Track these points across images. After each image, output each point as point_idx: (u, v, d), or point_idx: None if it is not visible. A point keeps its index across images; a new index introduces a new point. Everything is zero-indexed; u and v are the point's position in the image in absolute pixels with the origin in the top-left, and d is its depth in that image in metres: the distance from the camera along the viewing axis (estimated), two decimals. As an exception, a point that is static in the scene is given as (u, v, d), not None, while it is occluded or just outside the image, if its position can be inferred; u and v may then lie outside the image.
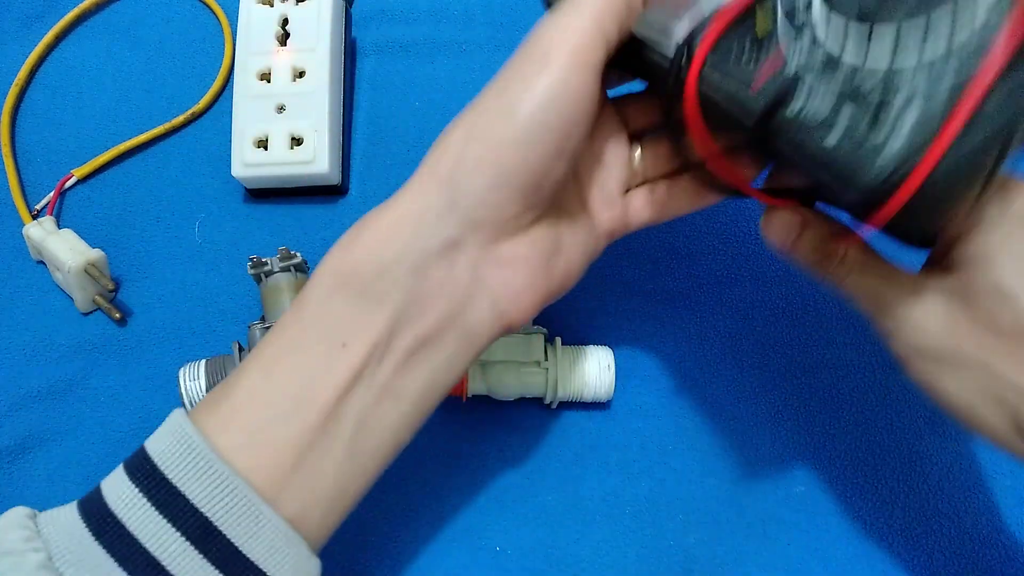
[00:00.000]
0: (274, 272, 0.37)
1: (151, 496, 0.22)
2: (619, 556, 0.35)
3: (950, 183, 0.20)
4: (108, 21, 0.49)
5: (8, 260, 0.43)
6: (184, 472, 0.23)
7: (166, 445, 0.23)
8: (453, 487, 0.37)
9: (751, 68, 0.23)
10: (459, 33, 0.47)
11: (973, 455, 0.37)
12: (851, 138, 0.21)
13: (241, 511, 0.22)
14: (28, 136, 0.46)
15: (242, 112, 0.42)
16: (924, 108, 0.21)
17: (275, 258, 0.37)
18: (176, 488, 0.22)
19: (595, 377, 0.36)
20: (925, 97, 0.21)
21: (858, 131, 0.21)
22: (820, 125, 0.22)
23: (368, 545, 0.36)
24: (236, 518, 0.22)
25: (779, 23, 0.23)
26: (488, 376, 0.36)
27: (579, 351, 0.37)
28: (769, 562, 0.35)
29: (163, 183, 0.44)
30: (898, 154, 0.21)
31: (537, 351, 0.36)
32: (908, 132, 0.21)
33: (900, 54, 0.21)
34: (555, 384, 0.36)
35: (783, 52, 0.23)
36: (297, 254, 0.37)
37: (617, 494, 0.37)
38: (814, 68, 0.22)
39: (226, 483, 0.22)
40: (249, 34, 0.43)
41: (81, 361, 0.40)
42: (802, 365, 0.39)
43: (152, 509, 0.22)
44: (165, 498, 0.22)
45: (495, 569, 0.35)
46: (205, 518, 0.22)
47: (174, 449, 0.23)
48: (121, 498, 0.23)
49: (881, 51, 0.21)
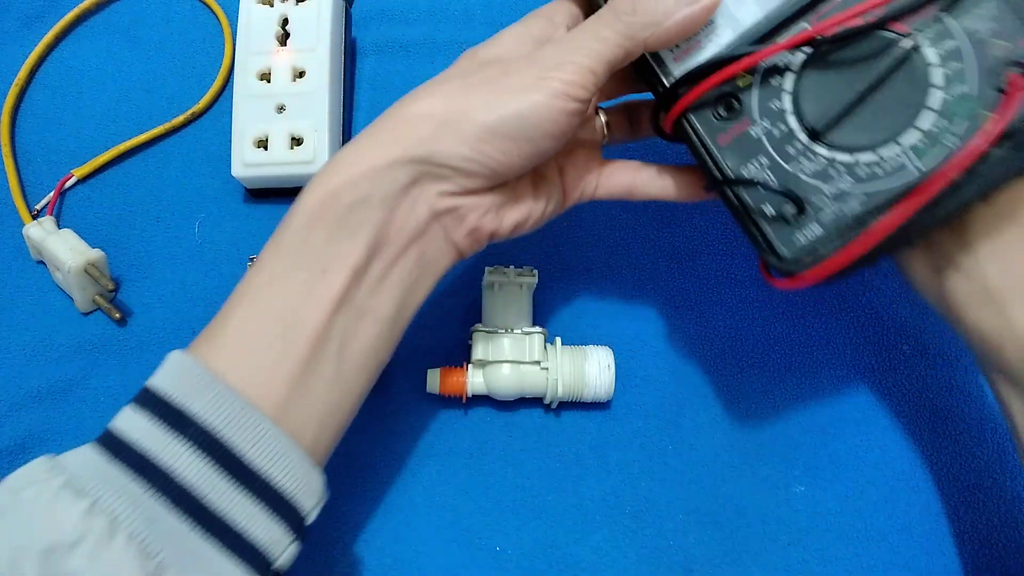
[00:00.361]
0: None
1: (158, 417, 0.24)
2: (619, 556, 0.35)
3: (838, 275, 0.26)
4: (108, 21, 0.49)
5: (8, 260, 0.43)
6: (185, 393, 0.25)
7: (166, 376, 0.26)
8: (453, 487, 0.37)
9: (724, 124, 0.28)
10: (459, 33, 0.47)
11: (974, 455, 0.37)
12: (779, 218, 0.27)
13: (240, 422, 0.24)
14: (28, 136, 0.46)
15: (242, 112, 0.42)
16: (834, 221, 0.26)
17: None
18: (179, 407, 0.24)
19: (595, 377, 0.36)
20: (836, 215, 0.26)
21: (785, 215, 0.27)
22: (761, 192, 0.27)
23: (368, 545, 0.36)
24: (237, 428, 0.24)
25: (754, 99, 0.28)
26: (488, 376, 0.36)
27: (579, 351, 0.37)
28: (769, 562, 0.35)
29: (163, 183, 0.44)
30: (803, 248, 0.27)
31: (537, 351, 0.36)
32: (815, 235, 0.27)
33: (832, 174, 0.26)
34: (555, 384, 0.36)
35: (749, 122, 0.28)
36: None
37: (617, 494, 0.37)
38: (772, 143, 0.27)
39: (224, 397, 0.24)
40: (249, 34, 0.43)
41: (81, 361, 0.40)
42: (802, 365, 0.39)
43: (160, 427, 0.24)
44: (171, 417, 0.24)
45: (495, 569, 0.35)
46: (208, 430, 0.24)
47: (174, 376, 0.25)
48: (130, 424, 0.25)
49: (817, 164, 0.27)
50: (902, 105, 0.26)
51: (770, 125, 0.27)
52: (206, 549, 0.23)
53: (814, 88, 0.27)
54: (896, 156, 0.26)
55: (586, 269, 0.41)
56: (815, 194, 0.27)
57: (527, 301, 0.37)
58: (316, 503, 0.26)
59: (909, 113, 0.26)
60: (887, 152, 0.26)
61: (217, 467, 0.24)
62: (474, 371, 0.37)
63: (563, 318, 0.40)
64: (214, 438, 0.24)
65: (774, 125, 0.27)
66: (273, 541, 0.25)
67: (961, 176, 0.24)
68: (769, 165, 0.27)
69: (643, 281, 0.41)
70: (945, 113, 0.25)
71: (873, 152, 0.26)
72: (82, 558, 0.21)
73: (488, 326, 0.37)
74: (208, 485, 0.24)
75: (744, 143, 0.28)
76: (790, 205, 0.27)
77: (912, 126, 0.26)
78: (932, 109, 0.25)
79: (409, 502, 0.37)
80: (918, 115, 0.25)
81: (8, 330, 0.41)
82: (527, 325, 0.37)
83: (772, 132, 0.27)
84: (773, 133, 0.27)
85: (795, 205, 0.27)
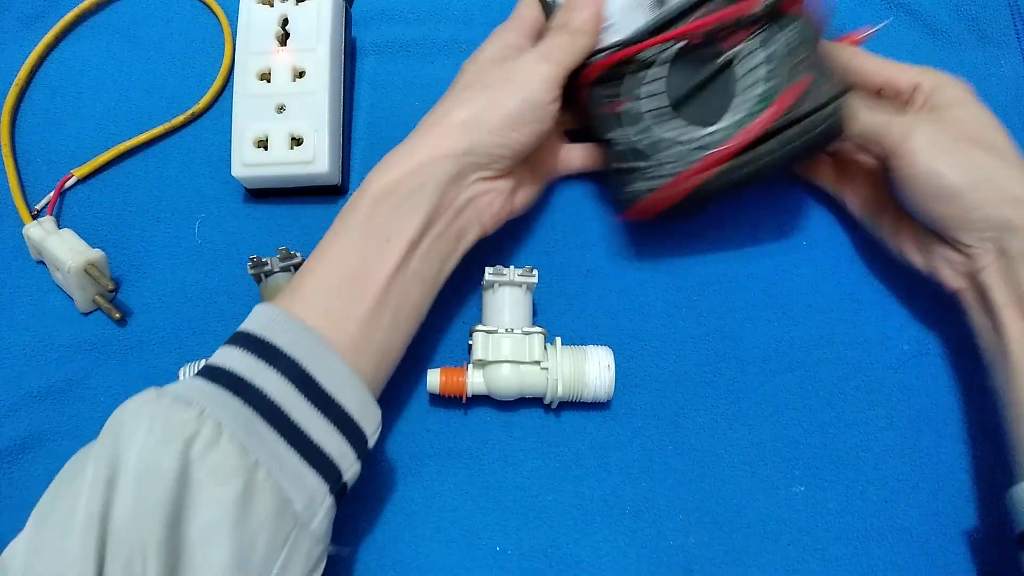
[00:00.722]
0: (274, 272, 0.37)
1: (250, 350, 0.29)
2: (619, 556, 0.35)
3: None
4: (108, 21, 0.49)
5: (8, 260, 0.43)
6: (272, 331, 0.30)
7: (254, 320, 0.31)
8: (453, 487, 0.37)
9: (612, 97, 0.38)
10: (459, 33, 0.47)
11: (974, 454, 0.37)
12: (625, 167, 0.37)
13: (317, 354, 0.30)
14: (28, 136, 0.46)
15: (242, 112, 0.42)
16: (669, 172, 0.36)
17: (275, 258, 0.37)
18: (268, 341, 0.30)
19: (595, 377, 0.36)
20: (670, 171, 0.36)
21: (630, 164, 0.37)
22: (618, 150, 0.37)
23: (369, 545, 0.36)
24: (313, 359, 0.30)
25: (635, 80, 0.37)
26: (488, 376, 0.36)
27: (579, 351, 0.37)
28: (769, 562, 0.35)
29: (163, 183, 0.44)
30: (640, 190, 0.37)
31: (537, 351, 0.36)
32: (653, 185, 0.36)
33: (680, 139, 0.36)
34: (555, 384, 0.36)
35: (629, 99, 0.37)
36: (297, 254, 0.37)
37: (617, 494, 0.37)
38: (644, 112, 0.37)
39: (304, 334, 0.30)
40: (249, 34, 0.43)
41: (81, 361, 0.40)
42: (803, 364, 0.39)
43: (251, 356, 0.29)
44: (260, 349, 0.29)
45: (495, 569, 0.35)
46: (292, 359, 0.29)
47: (262, 319, 0.31)
48: (226, 356, 0.30)
49: (673, 130, 0.36)
50: (726, 97, 0.36)
51: (645, 99, 0.37)
52: (291, 456, 0.28)
53: (676, 77, 0.37)
54: (716, 132, 0.35)
55: (587, 269, 0.41)
56: (664, 150, 0.36)
57: (527, 301, 0.37)
58: (375, 429, 0.31)
59: (727, 103, 0.36)
60: (713, 128, 0.35)
61: (299, 390, 0.29)
62: (474, 371, 0.37)
63: (563, 318, 0.40)
64: (297, 366, 0.29)
65: (648, 99, 0.37)
66: (342, 455, 0.30)
67: (747, 150, 0.35)
68: (636, 131, 0.37)
69: (643, 281, 0.41)
70: (748, 106, 0.35)
71: (704, 127, 0.36)
72: (197, 451, 0.26)
73: (488, 326, 0.37)
74: (292, 404, 0.29)
75: (626, 114, 0.37)
76: (641, 161, 0.36)
77: (728, 111, 0.35)
78: (739, 101, 0.35)
79: (409, 502, 0.37)
80: (730, 105, 0.35)
81: (8, 330, 0.41)
82: (527, 325, 0.37)
83: (643, 105, 0.37)
84: (644, 106, 0.37)
85: (644, 160, 0.36)
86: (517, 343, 0.36)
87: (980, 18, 0.46)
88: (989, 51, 0.45)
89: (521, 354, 0.36)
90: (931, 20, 0.46)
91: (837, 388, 0.39)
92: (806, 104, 0.34)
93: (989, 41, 0.45)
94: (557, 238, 0.42)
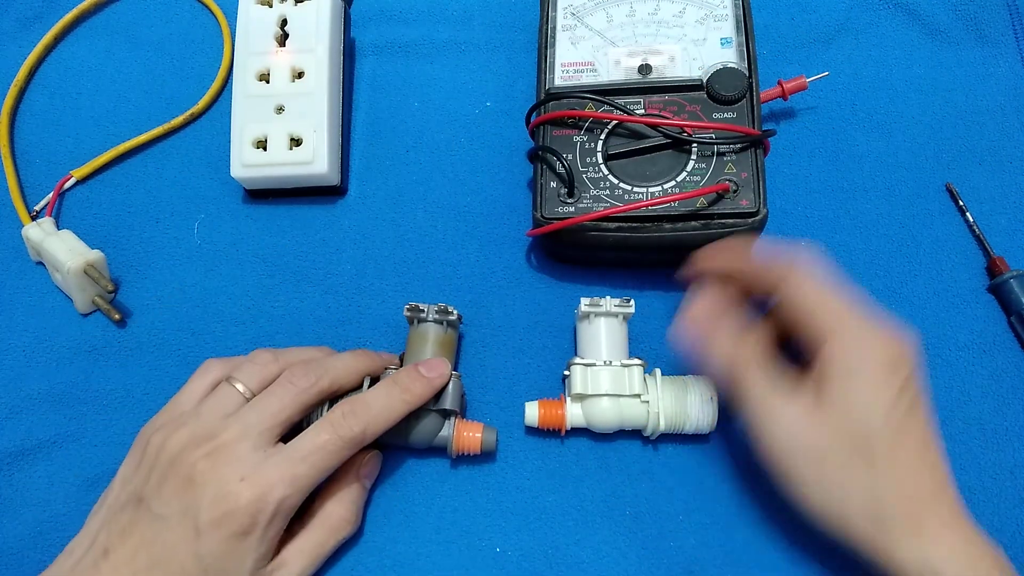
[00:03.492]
0: (427, 321, 0.37)
1: None
2: (619, 557, 0.35)
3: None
4: (108, 21, 0.49)
5: (7, 261, 0.43)
6: None
7: None
8: (453, 487, 0.37)
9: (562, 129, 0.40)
10: (457, 33, 0.47)
11: (973, 455, 0.37)
12: (555, 194, 0.38)
13: None
14: (27, 137, 0.46)
15: (241, 113, 0.42)
16: (583, 208, 0.37)
17: (433, 307, 0.37)
18: None
19: (698, 410, 0.35)
20: (585, 207, 0.37)
21: (559, 194, 0.38)
22: (555, 171, 0.39)
23: (369, 546, 0.36)
24: None
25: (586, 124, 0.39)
26: (587, 409, 0.36)
27: (680, 383, 0.36)
28: (769, 562, 0.35)
29: (162, 184, 0.44)
30: (555, 215, 0.38)
31: (637, 383, 0.35)
32: (567, 212, 0.37)
33: (601, 184, 0.38)
34: (656, 418, 0.35)
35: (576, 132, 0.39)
36: (453, 311, 0.37)
37: (617, 495, 0.37)
38: (582, 151, 0.39)
39: None
40: (248, 35, 0.43)
41: (81, 362, 0.40)
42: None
43: None
44: None
45: (495, 570, 0.35)
46: None
47: None
48: None
49: (598, 175, 0.38)
50: (666, 168, 0.38)
51: (587, 140, 0.39)
52: None
53: (622, 136, 0.39)
54: (639, 192, 0.37)
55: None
56: (585, 190, 0.38)
57: (624, 331, 0.37)
58: None
59: (666, 173, 0.37)
60: (639, 188, 0.37)
61: None
62: (572, 404, 0.36)
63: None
64: None
65: (590, 142, 0.39)
66: None
67: (650, 221, 0.36)
68: (570, 160, 0.38)
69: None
70: (680, 185, 0.37)
71: (631, 184, 0.37)
72: None
73: (586, 358, 0.36)
74: None
75: (565, 141, 0.39)
76: (565, 188, 0.38)
77: (666, 180, 0.37)
78: (675, 179, 0.37)
79: (409, 502, 0.37)
80: (669, 176, 0.37)
81: (7, 332, 0.41)
82: (624, 357, 0.36)
83: (585, 144, 0.39)
84: (586, 145, 0.39)
85: (568, 188, 0.38)
86: (616, 376, 0.35)
87: (978, 18, 0.46)
88: (987, 50, 0.45)
89: (621, 387, 0.35)
90: (929, 20, 0.46)
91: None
92: (720, 206, 0.36)
93: (987, 41, 0.45)
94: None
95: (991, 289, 0.40)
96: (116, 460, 0.34)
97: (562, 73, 0.41)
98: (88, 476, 0.38)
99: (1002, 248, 0.40)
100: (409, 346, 0.37)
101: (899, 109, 0.44)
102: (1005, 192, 0.42)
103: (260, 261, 0.42)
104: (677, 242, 0.37)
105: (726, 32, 0.40)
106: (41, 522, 0.37)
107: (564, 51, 0.41)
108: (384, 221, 0.43)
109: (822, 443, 0.29)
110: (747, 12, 0.40)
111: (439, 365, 0.35)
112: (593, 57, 0.41)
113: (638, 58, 0.40)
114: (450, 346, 0.38)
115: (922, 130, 0.43)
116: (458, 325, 0.39)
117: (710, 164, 0.37)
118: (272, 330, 0.41)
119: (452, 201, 0.43)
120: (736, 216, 0.36)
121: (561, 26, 0.42)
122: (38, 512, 0.37)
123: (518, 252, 0.42)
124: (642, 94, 0.39)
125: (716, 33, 0.40)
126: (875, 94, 0.44)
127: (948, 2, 0.46)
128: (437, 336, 0.37)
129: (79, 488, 0.37)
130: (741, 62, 0.39)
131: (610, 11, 0.42)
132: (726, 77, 0.38)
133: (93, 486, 0.37)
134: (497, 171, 0.44)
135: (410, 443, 0.36)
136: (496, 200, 0.43)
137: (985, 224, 0.41)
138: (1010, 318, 0.39)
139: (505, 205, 0.43)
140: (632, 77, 0.40)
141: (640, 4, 0.42)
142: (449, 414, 0.36)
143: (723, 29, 0.40)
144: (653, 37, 0.41)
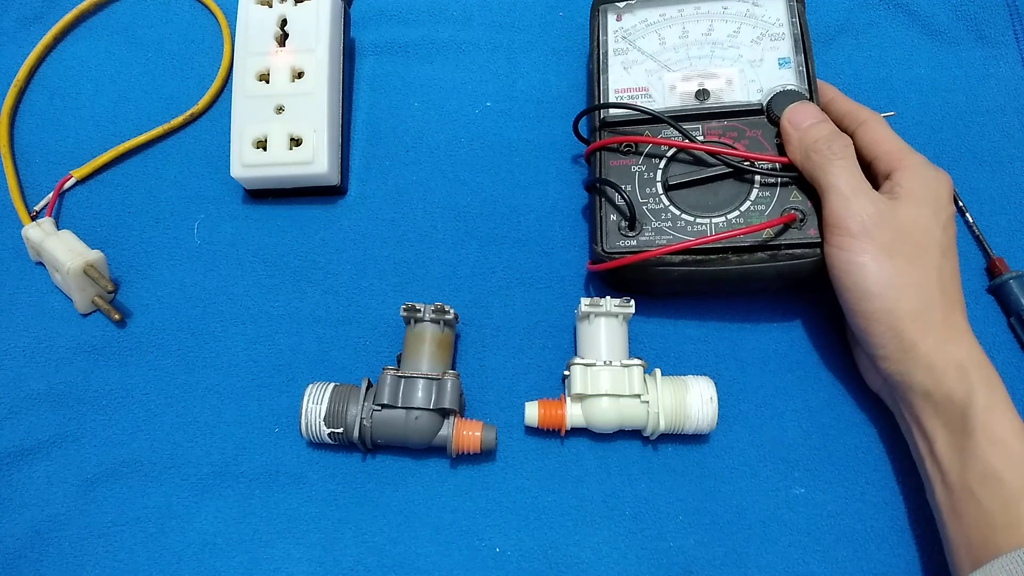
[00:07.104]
0: (423, 321, 0.37)
1: None
2: (619, 557, 0.35)
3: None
4: (108, 21, 0.49)
5: (7, 261, 0.43)
6: None
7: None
8: (453, 488, 0.37)
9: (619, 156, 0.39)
10: (457, 34, 0.47)
11: (973, 455, 0.37)
12: (615, 225, 0.37)
13: None
14: (27, 137, 0.46)
15: (241, 113, 0.42)
16: (645, 243, 0.37)
17: (429, 307, 0.37)
18: None
19: (697, 410, 0.35)
20: (648, 240, 0.37)
21: (620, 226, 0.37)
22: (615, 202, 0.38)
23: (369, 546, 0.36)
24: None
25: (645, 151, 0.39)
26: (587, 409, 0.36)
27: (680, 383, 0.36)
28: (769, 563, 0.35)
29: (162, 184, 0.44)
30: (616, 249, 0.37)
31: (636, 384, 0.35)
32: (628, 246, 0.37)
33: (663, 216, 0.37)
34: (656, 418, 0.35)
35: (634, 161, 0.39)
36: (451, 310, 0.37)
37: (617, 495, 0.37)
38: (640, 180, 0.38)
39: None
40: (248, 35, 0.43)
41: (80, 363, 0.40)
42: (803, 364, 0.39)
43: None
44: None
45: (495, 570, 0.35)
46: None
47: None
48: None
49: (659, 205, 0.37)
50: (729, 197, 0.37)
51: (645, 169, 0.38)
52: None
53: (682, 163, 0.38)
54: (702, 223, 0.36)
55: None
56: (647, 221, 0.37)
57: (624, 332, 0.37)
58: None
59: (729, 202, 0.37)
60: (701, 219, 0.36)
61: None
62: (572, 404, 0.36)
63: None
64: None
65: (648, 171, 0.38)
66: None
67: (719, 250, 0.35)
68: (629, 191, 0.37)
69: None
70: (745, 215, 0.36)
71: (694, 215, 0.37)
72: None
73: (585, 358, 0.36)
74: None
75: (623, 171, 0.38)
76: (626, 221, 0.37)
77: (730, 210, 0.36)
78: (739, 208, 0.36)
79: (409, 502, 0.37)
80: (732, 206, 0.36)
81: (7, 332, 0.41)
82: (625, 357, 0.36)
83: (644, 174, 0.38)
84: (644, 175, 0.38)
85: (629, 222, 0.37)
86: (616, 376, 0.35)
87: (978, 18, 0.46)
88: (987, 51, 0.45)
89: (621, 387, 0.35)
90: (929, 20, 0.46)
91: (837, 389, 0.38)
92: (787, 236, 0.35)
93: (987, 41, 0.45)
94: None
95: (991, 290, 0.40)
96: (116, 460, 0.34)
97: (616, 99, 0.40)
98: (87, 476, 0.38)
99: (1002, 249, 0.40)
100: (406, 346, 0.37)
101: (899, 109, 0.44)
102: (1005, 193, 0.42)
103: (260, 261, 0.42)
104: (743, 275, 0.36)
105: (783, 52, 0.39)
106: (40, 522, 0.37)
107: (617, 77, 0.40)
108: (384, 221, 0.43)
109: (893, 238, 0.33)
110: (804, 30, 0.39)
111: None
112: (647, 82, 0.40)
113: (694, 83, 0.39)
114: (447, 346, 0.38)
115: (922, 130, 0.43)
116: (455, 324, 0.38)
117: (774, 193, 0.36)
118: (272, 330, 0.41)
119: (452, 201, 0.43)
120: (804, 246, 0.35)
121: (613, 50, 0.41)
122: (37, 512, 0.37)
123: (518, 252, 0.42)
124: (700, 120, 0.38)
125: (773, 53, 0.39)
126: (875, 94, 0.44)
127: (948, 2, 0.46)
128: (434, 336, 0.37)
129: (78, 488, 0.37)
130: (801, 83, 0.38)
131: (662, 33, 0.41)
132: (787, 101, 0.37)
133: (93, 486, 0.37)
134: (497, 171, 0.44)
135: (409, 443, 0.36)
136: (496, 200, 0.43)
137: (985, 225, 0.41)
138: (1010, 319, 0.39)
139: (505, 205, 0.43)
140: (689, 103, 0.39)
141: (693, 24, 0.40)
142: (448, 413, 0.36)
143: (780, 49, 0.39)
144: (708, 59, 0.40)
